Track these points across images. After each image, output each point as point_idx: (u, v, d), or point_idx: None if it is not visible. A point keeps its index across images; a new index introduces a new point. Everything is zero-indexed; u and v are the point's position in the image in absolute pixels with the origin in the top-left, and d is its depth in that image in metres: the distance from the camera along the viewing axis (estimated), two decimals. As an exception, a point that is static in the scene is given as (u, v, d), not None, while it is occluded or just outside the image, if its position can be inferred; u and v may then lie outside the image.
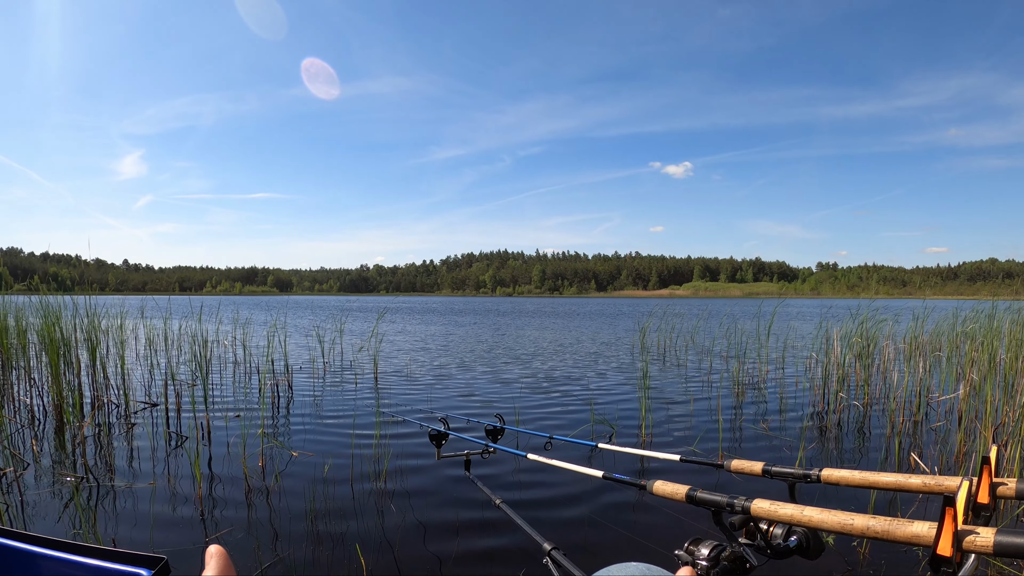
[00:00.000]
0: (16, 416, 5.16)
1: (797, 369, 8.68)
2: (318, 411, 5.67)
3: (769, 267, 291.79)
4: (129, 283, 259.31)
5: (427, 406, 5.88)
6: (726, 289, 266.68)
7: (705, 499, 1.09)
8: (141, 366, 8.27)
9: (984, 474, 0.88)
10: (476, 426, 3.27)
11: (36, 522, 2.94)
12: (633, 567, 0.78)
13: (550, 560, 1.38)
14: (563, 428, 4.96)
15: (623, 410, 5.72)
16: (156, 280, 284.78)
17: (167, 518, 2.99)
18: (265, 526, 2.90)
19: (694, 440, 4.58)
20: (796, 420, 5.34)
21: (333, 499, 3.27)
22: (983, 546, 0.67)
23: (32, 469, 3.74)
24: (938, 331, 8.32)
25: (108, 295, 10.42)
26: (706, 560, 1.02)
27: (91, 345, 5.71)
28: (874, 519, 0.80)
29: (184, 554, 2.56)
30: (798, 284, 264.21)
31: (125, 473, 3.73)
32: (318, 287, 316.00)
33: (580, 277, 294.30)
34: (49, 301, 5.51)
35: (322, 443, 4.46)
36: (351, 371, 8.41)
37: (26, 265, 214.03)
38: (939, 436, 4.78)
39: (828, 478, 1.21)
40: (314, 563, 2.50)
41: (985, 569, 2.42)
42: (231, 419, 5.16)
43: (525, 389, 6.91)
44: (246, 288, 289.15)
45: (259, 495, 3.35)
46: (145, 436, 4.61)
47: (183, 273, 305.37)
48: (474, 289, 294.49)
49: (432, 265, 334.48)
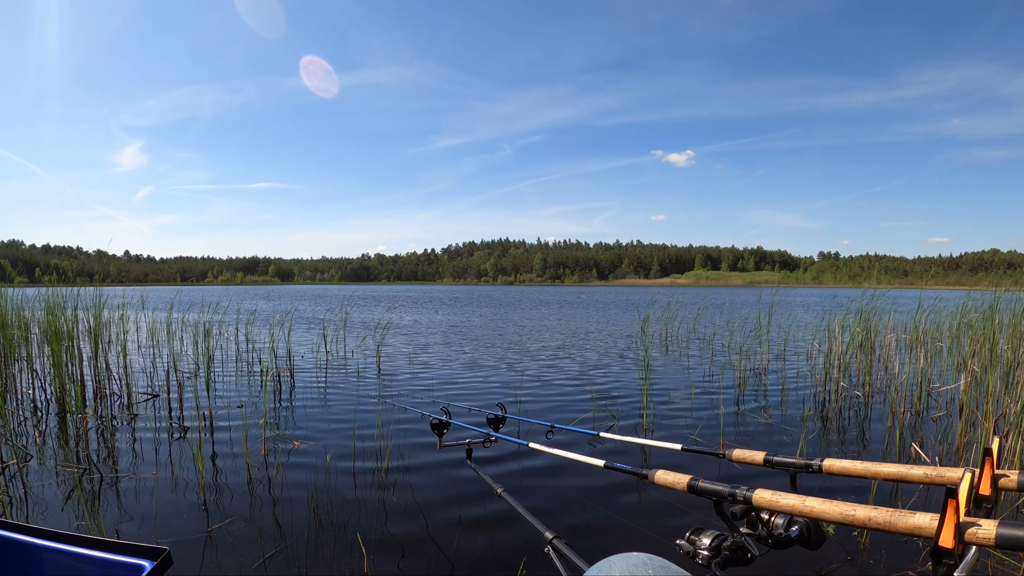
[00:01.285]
0: (19, 408, 5.18)
1: (799, 359, 8.68)
2: (320, 401, 5.69)
3: (771, 256, 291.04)
4: (130, 274, 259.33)
5: (429, 395, 5.90)
6: (727, 278, 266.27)
7: (707, 489, 1.09)
8: (143, 357, 8.29)
9: (986, 465, 0.88)
10: (478, 415, 3.28)
11: (39, 514, 2.95)
12: (635, 557, 0.78)
13: (551, 549, 1.39)
14: (565, 417, 4.96)
15: (625, 399, 5.72)
16: (157, 271, 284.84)
17: (170, 509, 3.00)
18: (267, 516, 2.91)
19: (696, 429, 4.59)
20: (798, 410, 5.34)
21: (335, 489, 3.29)
22: (985, 538, 0.67)
23: (35, 461, 3.76)
24: (939, 321, 8.31)
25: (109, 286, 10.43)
26: (707, 550, 1.02)
27: (93, 336, 5.72)
28: (876, 510, 0.80)
29: (187, 545, 2.57)
30: (800, 273, 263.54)
31: (128, 464, 3.75)
32: (320, 276, 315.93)
33: (581, 266, 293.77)
34: (50, 293, 5.52)
35: (324, 433, 4.48)
36: (353, 360, 8.43)
37: (27, 258, 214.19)
38: (940, 427, 4.78)
39: (830, 468, 1.22)
40: (316, 552, 2.51)
41: (986, 561, 2.42)
42: (233, 409, 5.17)
43: (527, 378, 6.92)
44: (247, 278, 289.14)
45: (261, 485, 3.36)
46: (147, 427, 4.62)
47: (184, 264, 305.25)
48: (476, 278, 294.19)
49: (433, 254, 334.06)
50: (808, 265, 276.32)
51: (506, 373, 7.37)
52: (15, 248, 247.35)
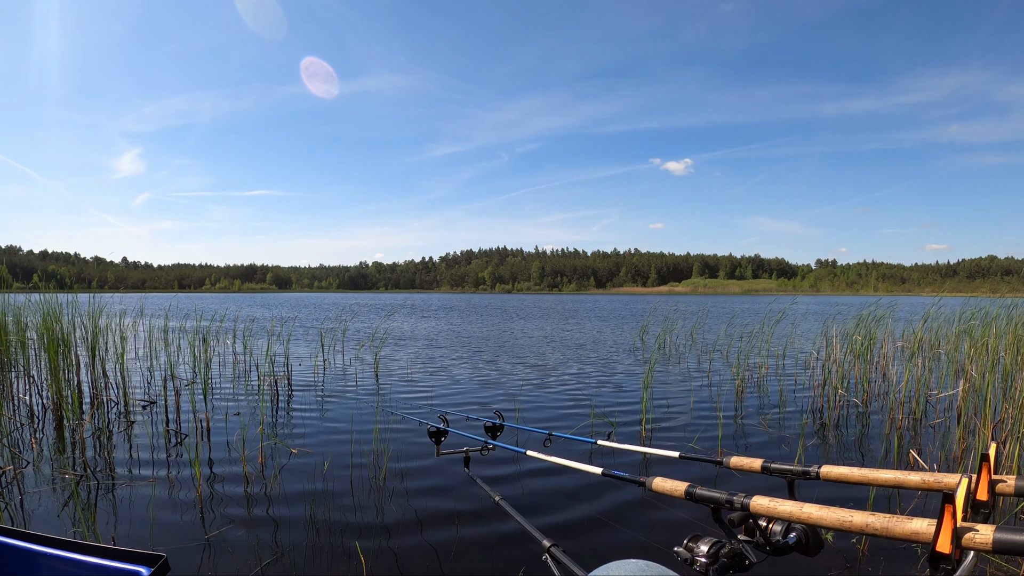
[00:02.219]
0: (15, 414, 5.16)
1: (797, 366, 8.69)
2: (318, 409, 5.67)
3: (768, 264, 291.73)
4: (128, 280, 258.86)
5: (427, 403, 5.89)
6: (725, 286, 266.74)
7: (704, 496, 1.09)
8: (141, 364, 8.27)
9: (983, 471, 0.88)
10: (475, 423, 3.27)
11: (36, 520, 2.94)
12: (632, 564, 0.78)
13: (549, 557, 1.39)
14: (563, 425, 4.96)
15: (623, 407, 5.72)
16: (155, 278, 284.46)
17: (167, 516, 2.99)
18: (265, 523, 2.90)
19: (694, 437, 4.59)
20: (795, 417, 5.34)
21: (333, 496, 3.27)
22: (982, 543, 0.67)
23: (31, 467, 3.74)
24: (937, 328, 8.33)
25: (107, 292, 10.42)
26: (705, 557, 1.02)
27: (90, 343, 5.71)
28: (873, 516, 0.80)
29: (184, 552, 2.56)
30: (797, 281, 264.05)
31: (124, 471, 3.73)
32: (317, 284, 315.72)
33: (579, 273, 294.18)
34: (48, 299, 5.51)
35: (322, 440, 4.47)
36: (351, 369, 8.41)
37: (25, 263, 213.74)
38: (938, 433, 4.78)
39: (827, 475, 1.22)
40: (314, 560, 2.50)
41: (984, 566, 2.42)
42: (231, 417, 5.16)
43: (525, 386, 6.92)
44: (245, 285, 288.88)
45: (259, 492, 3.35)
46: (145, 434, 4.61)
47: (182, 270, 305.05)
48: (473, 286, 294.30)
49: (431, 262, 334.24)
50: (806, 273, 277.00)
51: (504, 381, 7.36)
52: (13, 253, 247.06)
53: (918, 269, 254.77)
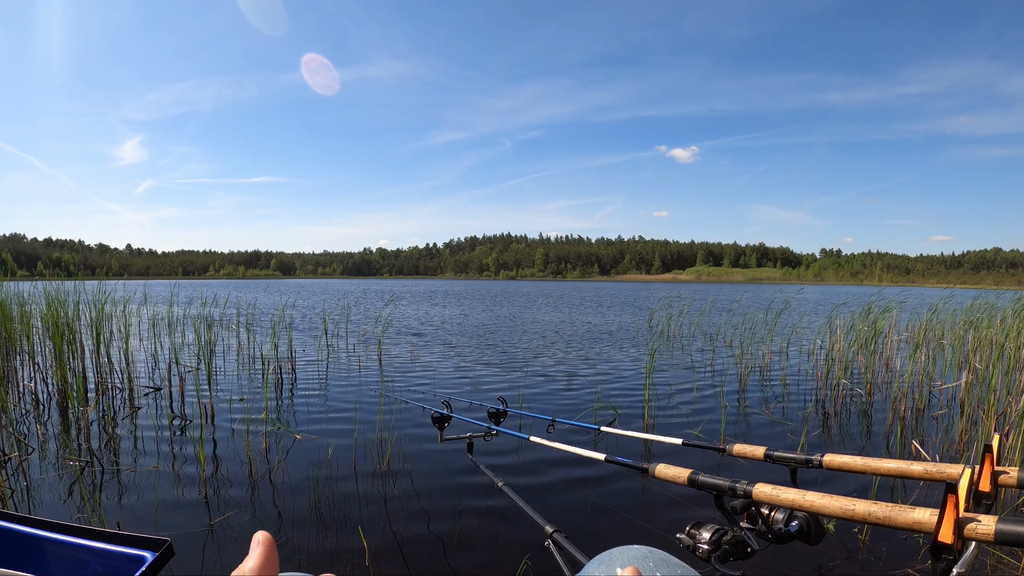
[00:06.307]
0: (20, 401, 5.20)
1: (801, 356, 8.68)
2: (322, 394, 5.70)
3: (773, 253, 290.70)
4: (132, 268, 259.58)
5: (430, 389, 5.91)
6: (729, 274, 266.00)
7: (707, 483, 1.09)
8: (145, 350, 8.31)
9: (986, 462, 0.88)
10: (479, 409, 3.29)
11: (41, 506, 2.97)
12: (635, 550, 0.78)
13: (552, 543, 1.39)
14: (566, 411, 4.97)
15: (627, 394, 5.73)
16: (159, 265, 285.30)
17: (171, 501, 3.01)
18: (268, 509, 2.93)
19: (697, 424, 4.59)
20: (799, 406, 5.35)
21: (336, 482, 3.30)
22: (984, 534, 0.67)
23: (37, 454, 3.78)
24: (941, 320, 8.30)
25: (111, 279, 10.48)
26: (707, 544, 1.02)
27: (95, 330, 5.74)
28: (875, 505, 0.80)
29: (188, 537, 2.58)
30: (801, 270, 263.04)
31: (129, 457, 3.76)
32: (321, 270, 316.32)
33: (583, 261, 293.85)
34: (52, 287, 5.53)
35: (325, 426, 4.49)
36: (355, 354, 8.44)
37: (29, 251, 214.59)
38: (941, 424, 4.78)
39: (830, 464, 1.22)
40: (317, 545, 2.52)
41: (985, 558, 2.43)
42: (235, 403, 5.19)
43: (528, 372, 6.93)
44: (249, 272, 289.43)
45: (262, 478, 3.37)
46: (149, 420, 4.64)
47: (186, 257, 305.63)
48: (477, 272, 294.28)
49: (435, 248, 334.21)
50: (810, 262, 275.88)
51: (508, 367, 7.38)
52: (17, 241, 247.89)
53: (923, 260, 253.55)
